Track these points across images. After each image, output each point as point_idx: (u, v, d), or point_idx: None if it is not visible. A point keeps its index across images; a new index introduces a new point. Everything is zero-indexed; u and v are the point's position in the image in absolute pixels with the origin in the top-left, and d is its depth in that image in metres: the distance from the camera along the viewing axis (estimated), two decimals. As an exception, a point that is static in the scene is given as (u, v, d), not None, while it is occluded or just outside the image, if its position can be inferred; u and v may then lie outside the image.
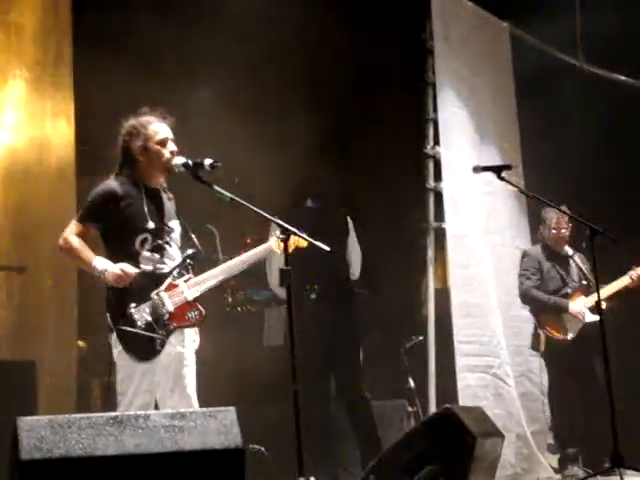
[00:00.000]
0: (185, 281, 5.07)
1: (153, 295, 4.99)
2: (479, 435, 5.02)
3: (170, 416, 3.88)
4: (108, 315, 4.97)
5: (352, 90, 8.36)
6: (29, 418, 3.68)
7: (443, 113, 7.58)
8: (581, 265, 7.71)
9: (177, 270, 5.09)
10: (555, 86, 8.75)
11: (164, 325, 4.97)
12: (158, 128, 5.16)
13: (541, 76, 8.73)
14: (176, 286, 5.05)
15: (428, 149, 7.66)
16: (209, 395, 5.09)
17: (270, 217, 5.03)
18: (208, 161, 4.94)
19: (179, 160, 5.03)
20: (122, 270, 4.93)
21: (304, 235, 4.98)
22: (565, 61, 8.97)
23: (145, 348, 4.93)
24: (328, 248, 4.94)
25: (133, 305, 4.92)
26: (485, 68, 8.23)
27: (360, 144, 8.30)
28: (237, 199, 4.88)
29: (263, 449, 5.48)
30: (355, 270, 7.16)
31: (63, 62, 7.29)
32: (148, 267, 5.04)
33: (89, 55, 7.20)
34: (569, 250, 7.76)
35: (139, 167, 5.15)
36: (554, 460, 7.92)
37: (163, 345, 4.95)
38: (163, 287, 5.02)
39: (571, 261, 7.74)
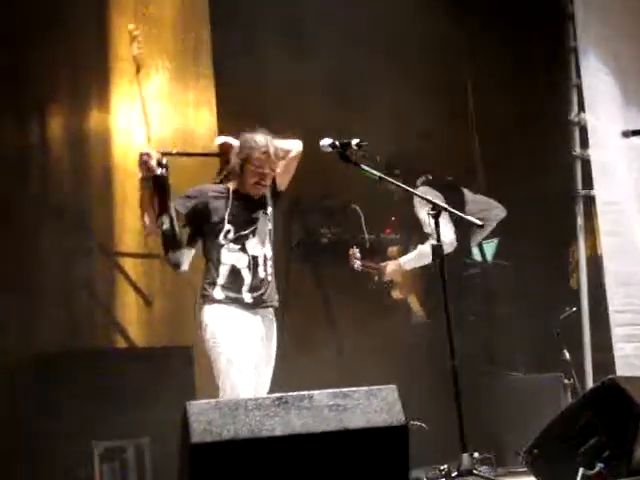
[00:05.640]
0: None
1: None
2: (644, 405, 4.91)
3: (333, 395, 3.92)
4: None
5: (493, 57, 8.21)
6: (198, 402, 3.77)
7: (587, 79, 7.40)
8: None
9: None
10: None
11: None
12: (258, 152, 5.19)
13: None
14: None
15: (573, 116, 7.51)
16: (366, 373, 5.10)
17: (420, 194, 5.03)
18: (355, 141, 4.94)
19: (326, 141, 5.03)
20: None
21: (456, 211, 4.97)
22: None
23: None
24: (480, 223, 4.94)
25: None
26: (628, 33, 8.00)
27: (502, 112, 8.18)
28: (386, 177, 4.88)
29: (424, 425, 5.50)
30: None
31: (203, 51, 7.40)
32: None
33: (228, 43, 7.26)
34: None
35: (235, 179, 5.30)
36: None
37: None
38: None
39: None
